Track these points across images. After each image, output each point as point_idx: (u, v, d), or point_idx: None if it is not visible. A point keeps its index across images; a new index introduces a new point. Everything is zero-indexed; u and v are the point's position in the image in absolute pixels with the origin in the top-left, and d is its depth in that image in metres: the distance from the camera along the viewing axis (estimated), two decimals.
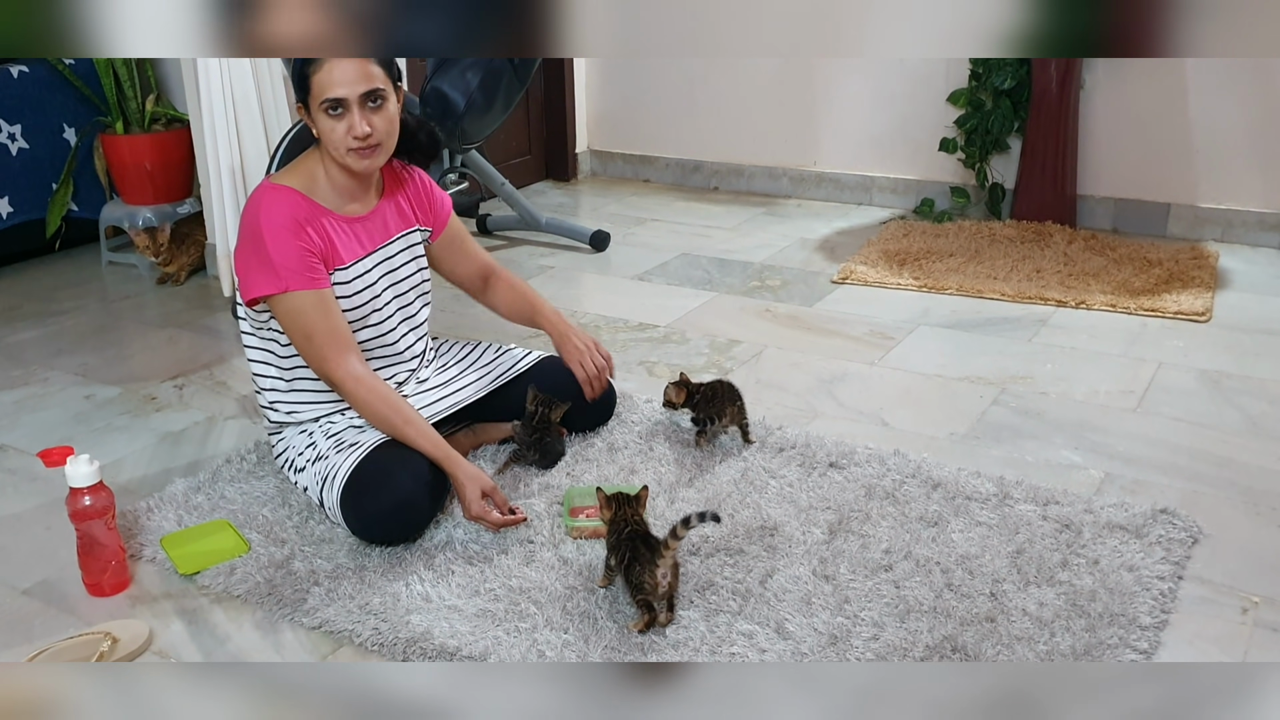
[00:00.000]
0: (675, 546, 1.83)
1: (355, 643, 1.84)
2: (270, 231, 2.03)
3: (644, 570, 1.81)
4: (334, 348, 2.07)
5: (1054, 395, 2.78)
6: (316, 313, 2.05)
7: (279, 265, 2.02)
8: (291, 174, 2.13)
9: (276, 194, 2.07)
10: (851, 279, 3.70)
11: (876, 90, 4.61)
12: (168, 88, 4.02)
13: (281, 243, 2.03)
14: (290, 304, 2.05)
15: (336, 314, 2.09)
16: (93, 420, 2.71)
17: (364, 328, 2.19)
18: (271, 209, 2.05)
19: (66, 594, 2.00)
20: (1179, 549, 2.06)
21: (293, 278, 2.03)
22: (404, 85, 2.16)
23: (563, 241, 4.19)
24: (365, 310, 2.18)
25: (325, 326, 2.06)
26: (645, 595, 1.82)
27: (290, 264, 2.03)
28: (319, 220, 2.09)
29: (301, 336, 2.07)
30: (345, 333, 2.10)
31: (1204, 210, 4.13)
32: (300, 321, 2.06)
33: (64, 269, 3.91)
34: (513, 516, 2.10)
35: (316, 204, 2.10)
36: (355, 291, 2.15)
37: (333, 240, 2.10)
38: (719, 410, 2.44)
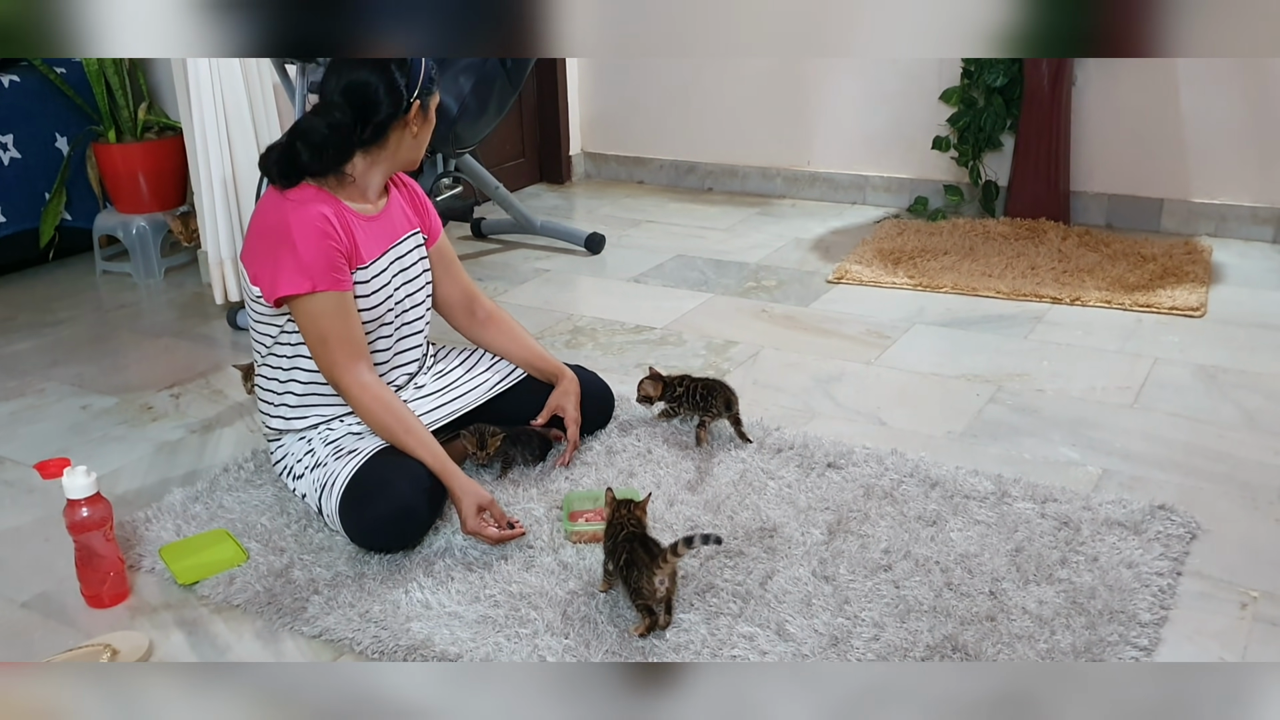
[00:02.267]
0: (674, 562, 1.82)
1: (356, 651, 1.83)
2: (300, 230, 2.03)
3: (642, 575, 1.81)
4: (347, 353, 2.08)
5: (1050, 392, 2.78)
6: (336, 316, 2.06)
7: (309, 263, 2.02)
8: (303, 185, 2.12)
9: (303, 193, 2.07)
10: (847, 278, 3.70)
11: (869, 89, 4.61)
12: (160, 96, 4.02)
13: (312, 241, 2.03)
14: (314, 305, 2.05)
15: (354, 319, 2.10)
16: (89, 431, 2.70)
17: (380, 326, 2.20)
18: (301, 207, 2.05)
19: (65, 606, 1.99)
20: (1177, 545, 2.06)
21: (321, 277, 2.03)
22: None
23: (558, 244, 4.19)
24: (382, 310, 2.19)
25: (342, 331, 2.07)
26: (644, 600, 1.82)
27: (320, 263, 2.03)
28: (345, 217, 2.10)
29: (317, 339, 2.07)
30: (360, 339, 2.11)
31: (1197, 205, 4.13)
32: (319, 324, 2.06)
33: (58, 279, 3.90)
34: (510, 531, 2.10)
35: (340, 201, 2.11)
36: (374, 290, 2.16)
37: (355, 238, 2.11)
38: (715, 407, 2.46)
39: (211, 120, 3.25)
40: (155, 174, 3.83)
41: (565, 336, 3.25)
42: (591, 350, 3.14)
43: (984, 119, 4.30)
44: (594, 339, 3.22)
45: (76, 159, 3.90)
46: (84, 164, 3.92)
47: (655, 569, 1.80)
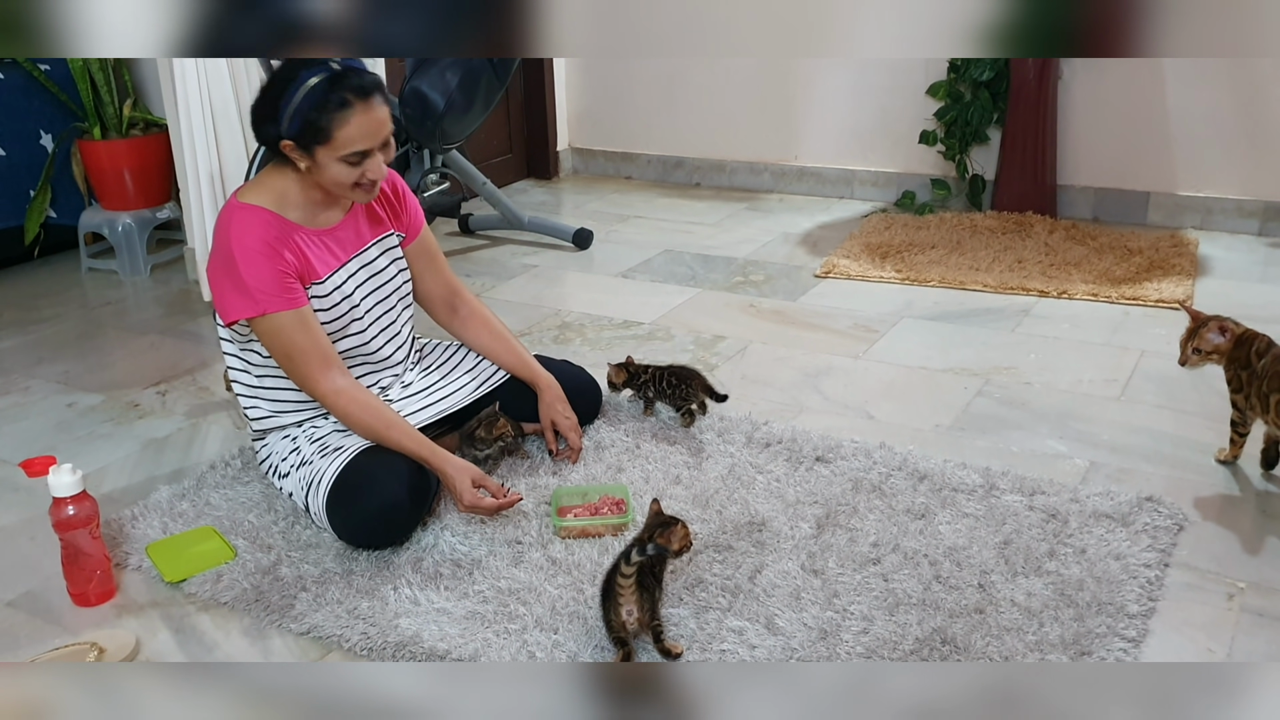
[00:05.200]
0: (631, 575, 1.74)
1: (344, 648, 1.83)
2: (243, 255, 2.00)
3: (610, 610, 1.76)
4: (315, 364, 2.06)
5: (1038, 385, 2.79)
6: (296, 331, 2.04)
7: (254, 289, 2.00)
8: (259, 191, 2.08)
9: (246, 215, 2.03)
10: (834, 273, 3.70)
11: (856, 84, 4.61)
12: (145, 92, 4.00)
13: (255, 266, 2.00)
14: (269, 325, 2.03)
15: (316, 330, 2.08)
16: (75, 429, 2.69)
17: (344, 337, 2.18)
18: (243, 232, 2.01)
19: (52, 605, 1.98)
20: (1165, 536, 2.07)
21: (269, 300, 2.01)
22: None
23: (546, 240, 4.18)
24: (344, 321, 2.17)
25: (306, 343, 2.05)
26: (614, 634, 1.77)
27: (265, 287, 2.01)
28: (291, 238, 2.06)
29: (283, 355, 2.06)
30: (326, 347, 2.09)
31: (1183, 198, 4.15)
32: (280, 340, 2.04)
33: (43, 276, 3.88)
34: (507, 499, 2.09)
35: (288, 221, 2.07)
36: (333, 304, 2.14)
37: (307, 256, 2.08)
38: (690, 392, 2.51)
39: (198, 116, 3.23)
40: (141, 171, 3.81)
41: (553, 332, 3.25)
42: (579, 345, 3.13)
43: (971, 113, 4.30)
44: (582, 334, 3.22)
45: (61, 156, 3.88)
46: (69, 161, 3.89)
47: (619, 599, 1.74)
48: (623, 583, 1.74)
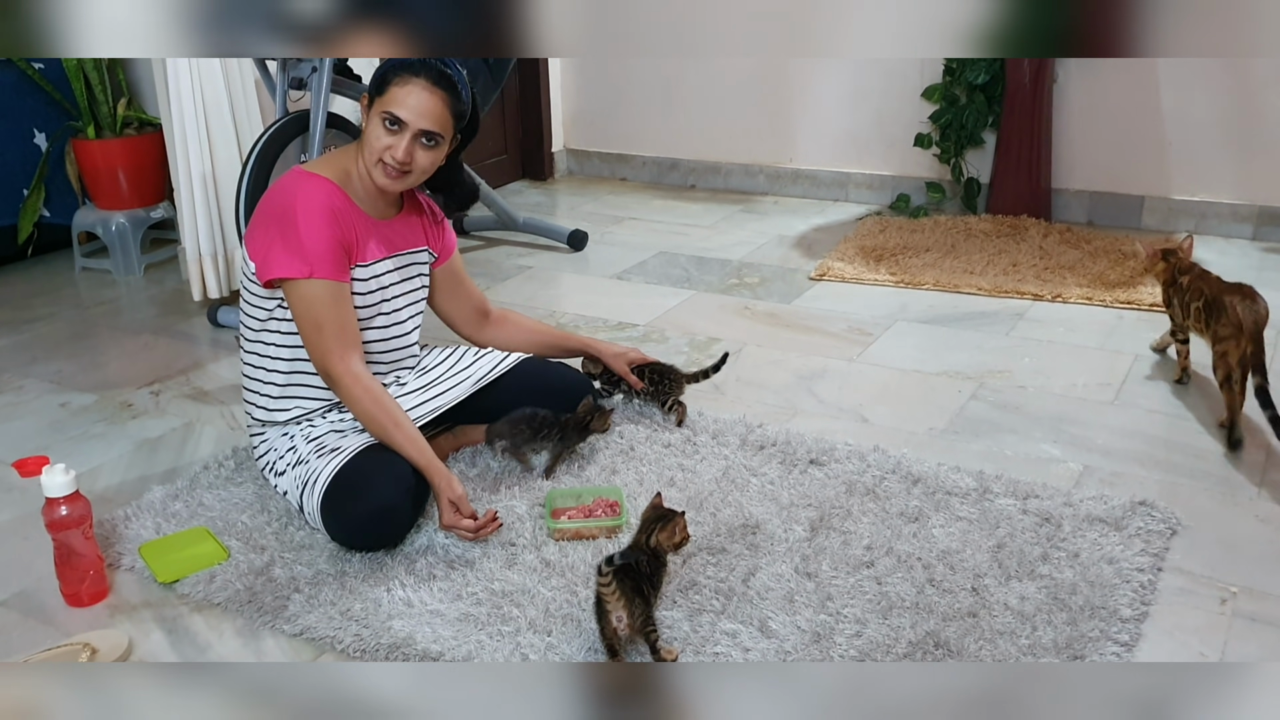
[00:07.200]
0: (609, 583, 1.71)
1: (337, 649, 1.83)
2: (306, 216, 2.05)
3: (600, 617, 1.75)
4: (340, 342, 2.08)
5: (1032, 389, 2.79)
6: (333, 304, 2.07)
7: (309, 250, 2.04)
8: (326, 165, 2.15)
9: (315, 181, 2.09)
10: (829, 275, 3.71)
11: (852, 87, 4.62)
12: (139, 91, 3.99)
13: (316, 229, 2.05)
14: (309, 290, 2.05)
15: (349, 309, 2.11)
16: (68, 428, 2.68)
17: (367, 329, 2.21)
18: (311, 194, 2.07)
19: (44, 605, 1.98)
20: (1158, 540, 2.07)
21: (319, 264, 2.05)
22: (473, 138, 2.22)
23: (540, 241, 4.18)
24: (373, 311, 2.21)
25: (337, 319, 2.08)
26: (605, 640, 1.76)
27: (320, 250, 2.05)
28: (350, 214, 2.12)
29: (312, 325, 2.07)
30: (354, 329, 2.12)
31: (1177, 202, 4.16)
32: (314, 310, 2.06)
33: (36, 276, 3.87)
34: (486, 524, 2.05)
35: (350, 199, 2.13)
36: (369, 290, 2.18)
37: (359, 237, 2.14)
38: (675, 388, 2.58)
39: (191, 116, 3.23)
40: (135, 170, 3.80)
41: None
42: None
43: (966, 116, 4.31)
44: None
45: (55, 155, 3.87)
46: (63, 160, 3.89)
47: (606, 608, 1.73)
48: (604, 591, 1.73)
